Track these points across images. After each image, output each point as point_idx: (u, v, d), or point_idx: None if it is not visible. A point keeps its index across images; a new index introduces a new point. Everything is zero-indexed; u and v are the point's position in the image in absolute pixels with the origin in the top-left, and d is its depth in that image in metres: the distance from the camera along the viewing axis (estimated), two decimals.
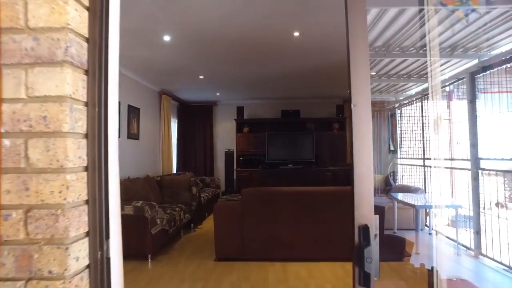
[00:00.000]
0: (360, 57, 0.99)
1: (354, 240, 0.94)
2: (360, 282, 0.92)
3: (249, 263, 4.10)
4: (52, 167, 0.87)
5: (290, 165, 8.10)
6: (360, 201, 0.95)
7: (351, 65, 0.99)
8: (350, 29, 1.01)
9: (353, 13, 1.02)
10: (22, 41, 0.88)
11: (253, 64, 5.52)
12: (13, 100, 0.88)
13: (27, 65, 0.88)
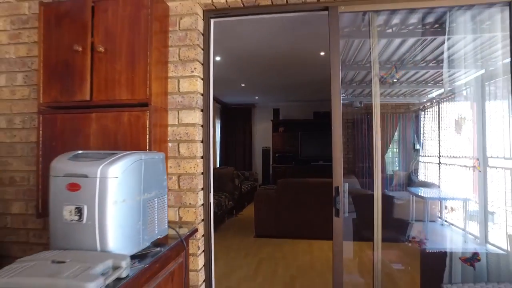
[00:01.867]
0: (336, 98, 1.92)
1: (333, 193, 1.90)
2: (335, 214, 1.87)
3: (281, 239, 5.07)
4: (190, 156, 1.91)
5: (321, 162, 8.93)
6: (335, 175, 1.90)
7: (332, 101, 1.93)
8: (332, 80, 1.95)
9: (333, 71, 1.95)
10: (177, 98, 1.93)
11: (287, 74, 6.45)
12: (172, 125, 1.93)
13: (179, 109, 1.92)
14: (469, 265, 1.95)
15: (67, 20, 1.86)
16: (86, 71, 1.81)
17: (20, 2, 2.23)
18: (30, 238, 2.19)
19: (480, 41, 2.08)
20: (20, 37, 2.24)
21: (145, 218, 1.35)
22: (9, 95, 2.23)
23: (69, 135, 1.84)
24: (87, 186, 1.18)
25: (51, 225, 1.24)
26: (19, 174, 2.22)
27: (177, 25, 1.99)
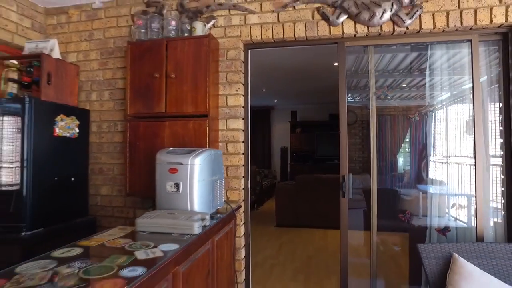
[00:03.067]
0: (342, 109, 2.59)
1: (340, 180, 2.56)
2: (341, 196, 2.54)
3: (300, 228, 5.74)
4: (235, 153, 2.62)
5: (336, 161, 9.51)
6: (342, 167, 2.57)
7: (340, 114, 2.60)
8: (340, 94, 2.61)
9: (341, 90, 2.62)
10: (225, 110, 2.64)
11: (305, 81, 7.10)
12: (222, 130, 2.64)
13: (227, 118, 2.64)
14: (442, 234, 2.57)
15: (148, 54, 2.59)
16: (162, 91, 2.54)
17: (107, 39, 2.99)
18: (114, 213, 2.95)
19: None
20: (107, 64, 3.00)
21: (213, 192, 2.06)
22: (99, 107, 3.00)
23: (149, 137, 2.58)
24: (182, 170, 1.89)
25: (157, 194, 1.97)
26: (106, 166, 2.98)
27: (225, 56, 2.70)
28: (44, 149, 2.39)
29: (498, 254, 2.11)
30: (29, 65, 2.60)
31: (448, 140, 2.88)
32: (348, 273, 2.70)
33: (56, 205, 2.50)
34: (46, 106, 2.44)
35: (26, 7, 2.99)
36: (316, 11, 2.55)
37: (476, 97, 2.43)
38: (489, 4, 2.29)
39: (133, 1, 2.97)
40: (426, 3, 2.39)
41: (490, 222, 2.50)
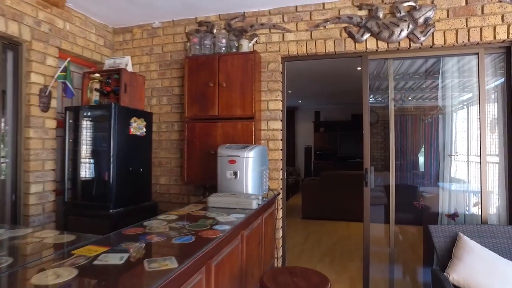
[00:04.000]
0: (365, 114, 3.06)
1: (363, 172, 3.04)
2: (364, 185, 3.01)
3: (324, 221, 6.20)
4: (275, 149, 3.15)
5: (358, 159, 9.87)
6: (365, 161, 3.04)
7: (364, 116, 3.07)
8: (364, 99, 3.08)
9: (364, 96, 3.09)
10: (266, 113, 3.17)
11: (329, 84, 7.54)
12: (264, 129, 3.17)
13: (268, 120, 3.17)
14: (451, 219, 3.00)
15: (202, 67, 3.15)
16: (215, 98, 3.10)
17: (165, 53, 3.58)
18: (171, 199, 3.54)
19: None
20: (165, 74, 3.60)
21: (261, 180, 2.59)
22: (158, 110, 3.60)
23: (203, 135, 3.14)
24: (239, 161, 2.43)
25: (219, 180, 2.51)
26: (164, 159, 3.58)
27: (266, 68, 3.23)
28: (123, 145, 2.99)
29: (497, 234, 2.53)
30: (108, 77, 3.22)
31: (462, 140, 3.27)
32: (369, 257, 3.17)
33: (130, 190, 3.11)
34: (124, 111, 3.05)
35: (100, 29, 3.63)
36: (343, 30, 3.03)
37: (481, 102, 2.85)
38: (492, 23, 2.70)
39: (187, 21, 3.54)
40: (438, 22, 2.82)
41: (493, 209, 2.91)
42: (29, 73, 2.86)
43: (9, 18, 2.65)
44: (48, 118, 3.01)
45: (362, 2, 2.98)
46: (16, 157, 2.85)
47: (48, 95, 2.98)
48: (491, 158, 2.96)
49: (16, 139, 2.85)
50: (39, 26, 2.91)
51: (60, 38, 3.13)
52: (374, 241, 3.46)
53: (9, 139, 2.84)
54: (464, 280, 2.29)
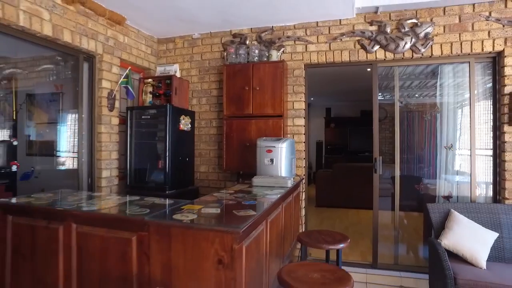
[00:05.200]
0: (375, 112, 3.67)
1: (373, 161, 3.66)
2: (374, 172, 3.63)
3: (336, 208, 6.82)
4: (299, 142, 3.78)
5: (367, 153, 10.45)
6: (374, 151, 3.65)
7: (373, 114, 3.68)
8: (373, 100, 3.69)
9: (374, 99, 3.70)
10: (292, 112, 3.80)
11: (340, 83, 8.12)
12: (290, 125, 3.81)
13: (293, 117, 3.80)
14: (446, 199, 3.61)
15: (239, 73, 3.79)
16: (250, 99, 3.73)
17: (204, 60, 4.23)
18: (210, 184, 4.20)
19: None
20: (203, 79, 4.25)
21: (291, 166, 3.23)
22: (198, 109, 4.25)
23: (239, 130, 3.78)
24: (275, 151, 3.07)
25: (258, 166, 3.16)
26: (203, 151, 4.24)
27: (292, 74, 3.85)
28: (175, 139, 3.66)
29: (481, 210, 3.14)
30: (159, 82, 3.88)
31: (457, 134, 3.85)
32: (378, 235, 3.80)
33: (180, 176, 3.78)
34: (175, 110, 3.71)
35: (148, 40, 4.29)
36: (357, 42, 3.64)
37: (472, 104, 3.44)
38: (481, 37, 3.29)
39: (223, 33, 4.17)
40: (436, 36, 3.41)
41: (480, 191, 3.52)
42: (101, 80, 3.53)
43: (89, 37, 3.32)
44: (113, 116, 3.68)
45: (373, 19, 3.58)
46: (91, 148, 3.53)
47: (113, 98, 3.65)
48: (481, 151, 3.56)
49: (91, 133, 3.53)
50: (107, 41, 3.57)
51: (121, 50, 3.79)
52: (381, 225, 4.06)
53: (85, 134, 3.52)
54: (453, 244, 2.91)
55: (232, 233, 1.51)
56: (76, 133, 3.56)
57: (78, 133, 3.49)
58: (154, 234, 1.67)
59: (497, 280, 2.54)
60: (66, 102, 3.95)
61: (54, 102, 4.15)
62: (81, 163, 3.47)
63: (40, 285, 1.98)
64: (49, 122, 4.29)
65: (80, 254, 1.87)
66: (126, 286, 1.74)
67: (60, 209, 1.95)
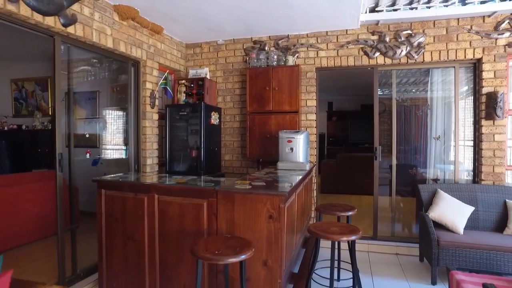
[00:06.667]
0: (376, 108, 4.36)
1: (374, 150, 4.35)
2: (374, 159, 4.33)
3: (339, 194, 7.54)
4: (311, 133, 4.46)
5: (366, 145, 11.14)
6: (375, 141, 4.34)
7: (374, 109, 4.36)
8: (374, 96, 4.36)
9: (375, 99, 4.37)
10: (305, 108, 4.48)
11: (342, 80, 8.77)
12: (303, 120, 4.49)
13: (306, 113, 4.48)
14: (434, 181, 4.32)
15: (260, 76, 4.45)
16: (270, 98, 4.40)
17: (228, 63, 4.88)
18: (234, 170, 4.89)
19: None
20: (227, 79, 4.91)
21: (307, 154, 3.91)
22: (223, 106, 4.92)
23: (261, 124, 4.45)
24: (294, 140, 3.75)
25: (280, 154, 3.83)
26: (228, 142, 4.92)
27: (305, 76, 4.52)
28: (207, 131, 4.33)
29: (462, 189, 3.84)
30: (191, 83, 4.55)
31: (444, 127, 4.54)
32: (377, 216, 4.51)
33: (211, 163, 4.47)
34: (207, 107, 4.38)
35: (178, 45, 4.94)
36: (361, 49, 4.31)
37: (456, 101, 4.13)
38: (464, 47, 3.96)
39: (244, 40, 4.82)
40: (427, 45, 4.08)
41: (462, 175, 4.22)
42: (145, 82, 4.19)
43: (137, 46, 3.98)
44: (154, 113, 4.35)
45: (374, 30, 4.24)
46: (138, 140, 4.21)
47: (154, 97, 4.31)
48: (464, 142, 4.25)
49: (137, 127, 4.20)
50: (149, 49, 4.22)
51: (159, 56, 4.44)
52: (380, 208, 4.73)
53: (132, 128, 4.19)
54: (438, 216, 3.62)
55: (280, 195, 2.21)
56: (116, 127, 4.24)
57: (127, 127, 4.17)
58: (221, 199, 2.36)
59: (470, 241, 3.26)
60: (119, 101, 4.64)
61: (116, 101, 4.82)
62: (130, 152, 4.15)
63: (130, 240, 2.67)
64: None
65: (161, 217, 2.56)
66: (198, 235, 2.43)
67: (146, 184, 2.64)
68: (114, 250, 2.74)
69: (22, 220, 4.09)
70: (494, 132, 3.89)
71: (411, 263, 3.96)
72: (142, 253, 2.63)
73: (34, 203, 4.25)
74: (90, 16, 3.26)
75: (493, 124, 3.89)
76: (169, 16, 4.00)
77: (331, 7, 3.65)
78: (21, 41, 4.86)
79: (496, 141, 3.88)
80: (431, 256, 3.35)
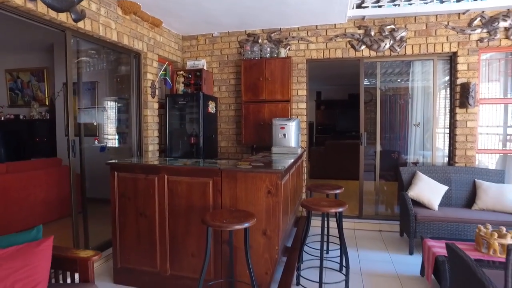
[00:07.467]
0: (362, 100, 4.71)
1: (359, 136, 4.72)
2: (360, 144, 4.70)
3: (328, 179, 7.94)
4: (302, 121, 4.80)
5: (353, 133, 11.56)
6: (361, 128, 4.71)
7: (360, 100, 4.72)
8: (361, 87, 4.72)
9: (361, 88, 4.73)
10: (296, 97, 4.80)
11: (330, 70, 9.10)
12: (294, 108, 4.82)
13: (297, 102, 4.81)
14: (414, 164, 4.73)
15: (254, 67, 4.74)
16: (263, 87, 4.71)
17: (223, 55, 5.16)
18: (229, 156, 5.21)
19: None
20: (223, 71, 5.19)
21: (298, 139, 4.25)
22: (218, 95, 5.21)
23: (255, 112, 4.77)
24: (286, 127, 4.08)
25: (273, 139, 4.16)
26: (224, 129, 5.23)
27: (296, 67, 4.83)
28: (204, 120, 4.62)
29: (438, 170, 4.25)
30: (189, 74, 4.81)
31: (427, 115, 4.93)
32: (363, 197, 4.90)
33: (208, 149, 4.77)
34: (204, 96, 4.66)
35: (175, 37, 5.17)
36: (348, 42, 4.63)
37: (434, 91, 4.51)
38: (441, 41, 4.32)
39: (239, 33, 5.09)
40: (409, 39, 4.43)
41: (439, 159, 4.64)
42: (146, 73, 4.43)
43: (138, 39, 4.21)
44: (154, 102, 4.61)
45: (361, 24, 4.57)
46: (140, 128, 4.47)
47: (154, 87, 4.57)
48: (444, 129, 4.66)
49: (139, 116, 4.46)
50: (149, 41, 4.46)
51: (158, 48, 4.68)
52: (365, 191, 5.13)
53: (134, 117, 4.45)
54: (416, 194, 4.03)
55: (277, 173, 2.54)
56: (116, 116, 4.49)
57: (130, 116, 4.43)
58: (225, 178, 2.68)
59: (442, 216, 3.67)
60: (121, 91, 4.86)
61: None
62: (133, 139, 4.42)
63: (142, 216, 2.98)
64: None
65: (171, 194, 2.87)
66: (205, 210, 2.75)
67: (157, 165, 2.94)
68: (127, 226, 3.05)
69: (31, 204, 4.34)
70: (467, 119, 4.30)
71: (392, 237, 4.39)
72: (153, 227, 2.95)
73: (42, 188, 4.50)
74: (97, 11, 3.49)
75: (466, 112, 4.29)
76: (169, 10, 4.23)
77: (321, 3, 3.95)
78: (14, 32, 5.02)
79: (468, 127, 4.30)
80: (409, 230, 3.77)
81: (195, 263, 2.82)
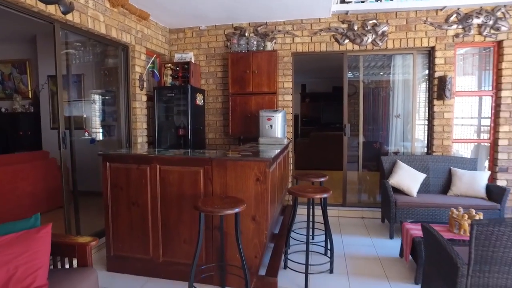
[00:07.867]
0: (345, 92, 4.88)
1: (343, 126, 4.90)
2: (344, 135, 4.88)
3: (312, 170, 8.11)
4: (288, 113, 4.94)
5: (338, 125, 11.80)
6: (344, 119, 4.89)
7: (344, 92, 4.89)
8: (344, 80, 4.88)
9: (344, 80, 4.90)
10: (282, 90, 4.93)
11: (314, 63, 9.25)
12: (280, 100, 4.95)
13: (283, 94, 4.94)
14: (395, 154, 4.95)
15: (241, 60, 4.84)
16: (250, 80, 4.81)
17: (210, 48, 5.22)
18: (217, 147, 5.31)
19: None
20: (210, 63, 5.26)
21: (284, 130, 4.39)
22: (206, 88, 5.28)
23: (242, 104, 4.88)
24: (273, 118, 4.21)
25: (260, 131, 4.29)
26: (211, 121, 5.32)
27: (282, 60, 4.95)
28: (193, 112, 4.71)
29: (417, 159, 4.47)
30: (177, 66, 4.87)
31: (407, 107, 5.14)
32: (347, 187, 5.10)
33: (197, 140, 4.86)
34: (192, 89, 4.73)
35: (163, 30, 5.21)
36: (332, 36, 4.78)
37: (414, 84, 4.72)
38: (420, 36, 4.52)
39: (225, 26, 5.16)
40: (390, 34, 4.61)
41: (418, 148, 4.87)
42: (134, 65, 4.47)
43: (126, 32, 4.24)
44: (143, 94, 4.65)
45: (344, 19, 4.72)
46: (128, 120, 4.52)
47: (142, 79, 4.61)
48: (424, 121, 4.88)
49: (128, 108, 4.51)
50: (137, 34, 4.49)
51: (146, 41, 4.71)
52: (349, 181, 5.33)
53: (123, 109, 4.49)
54: (397, 182, 4.24)
55: (265, 161, 2.68)
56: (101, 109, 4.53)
57: (119, 108, 4.47)
58: (215, 166, 2.80)
59: (421, 201, 3.90)
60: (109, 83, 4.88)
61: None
62: (122, 132, 4.47)
63: (134, 205, 3.07)
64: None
65: (163, 183, 2.97)
66: (196, 198, 2.87)
67: (149, 155, 3.03)
68: (119, 215, 3.13)
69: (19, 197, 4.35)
70: (444, 110, 4.53)
71: (374, 224, 4.61)
72: (146, 216, 3.04)
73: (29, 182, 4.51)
74: (85, 4, 3.51)
75: (443, 104, 4.52)
76: (156, 3, 4.27)
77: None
78: None
79: (445, 118, 4.53)
80: (390, 215, 3.98)
81: (187, 249, 2.94)
